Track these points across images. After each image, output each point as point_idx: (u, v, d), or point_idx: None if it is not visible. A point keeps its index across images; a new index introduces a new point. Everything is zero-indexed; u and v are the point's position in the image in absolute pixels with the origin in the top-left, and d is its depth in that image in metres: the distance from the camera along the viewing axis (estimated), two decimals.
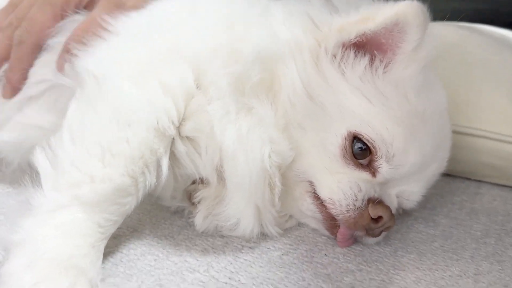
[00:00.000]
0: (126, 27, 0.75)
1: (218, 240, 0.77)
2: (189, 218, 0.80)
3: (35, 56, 0.84)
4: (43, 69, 0.83)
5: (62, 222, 0.63)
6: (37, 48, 0.84)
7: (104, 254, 0.71)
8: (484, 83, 1.01)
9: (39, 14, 0.83)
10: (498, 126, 0.97)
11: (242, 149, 0.70)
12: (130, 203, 0.68)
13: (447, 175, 1.06)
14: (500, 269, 0.74)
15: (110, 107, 0.68)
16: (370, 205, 0.72)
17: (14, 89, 0.84)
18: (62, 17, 0.83)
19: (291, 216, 0.81)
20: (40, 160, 0.67)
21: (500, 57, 1.05)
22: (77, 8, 0.84)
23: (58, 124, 0.72)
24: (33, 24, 0.83)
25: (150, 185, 0.70)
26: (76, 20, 0.82)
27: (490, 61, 1.04)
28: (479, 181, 1.06)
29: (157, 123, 0.68)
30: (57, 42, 0.83)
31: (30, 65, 0.84)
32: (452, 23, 1.21)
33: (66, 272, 0.60)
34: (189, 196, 0.80)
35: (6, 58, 0.86)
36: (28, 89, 0.84)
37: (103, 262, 0.70)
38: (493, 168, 1.00)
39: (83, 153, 0.66)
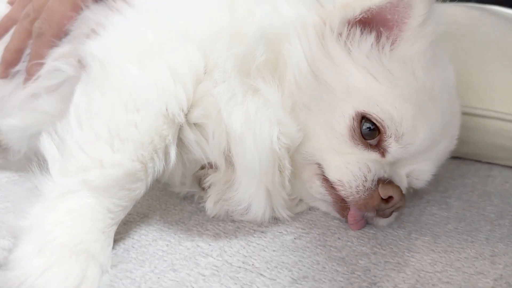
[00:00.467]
0: (132, 8, 0.73)
1: (230, 225, 0.76)
2: (199, 203, 0.80)
3: (54, 47, 0.82)
4: (60, 60, 0.81)
5: (72, 208, 0.62)
6: (57, 39, 0.82)
7: (115, 240, 0.70)
8: (496, 63, 0.99)
9: (58, 5, 0.81)
10: (511, 107, 0.96)
11: (250, 131, 0.69)
12: (140, 188, 0.67)
13: (458, 157, 1.05)
14: None
15: (117, 91, 0.66)
16: (380, 185, 0.71)
17: (30, 79, 0.83)
18: (82, 7, 0.81)
19: (301, 200, 0.80)
20: (47, 145, 0.65)
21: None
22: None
23: (64, 110, 0.70)
24: (52, 16, 0.81)
25: (159, 170, 0.69)
26: (96, 10, 0.80)
27: (502, 41, 1.02)
28: (490, 163, 1.05)
29: (166, 109, 0.67)
30: (77, 33, 0.81)
31: (48, 55, 0.82)
32: (462, 3, 1.19)
33: (77, 257, 0.59)
34: (198, 181, 0.79)
35: (23, 49, 0.84)
36: (45, 80, 0.82)
37: (114, 248, 0.69)
38: (506, 150, 0.99)
39: (91, 138, 0.64)
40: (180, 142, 0.73)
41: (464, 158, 1.06)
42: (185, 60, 0.69)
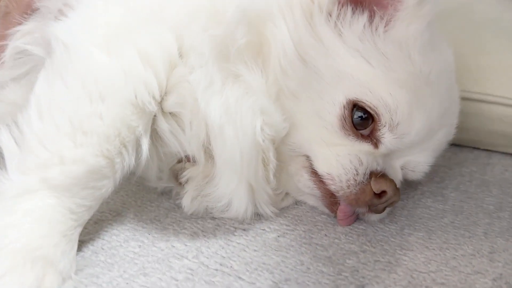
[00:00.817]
0: None
1: (209, 222, 0.71)
2: (177, 199, 0.74)
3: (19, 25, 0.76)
4: (24, 38, 0.75)
5: (30, 209, 0.57)
6: (23, 18, 0.76)
7: (83, 241, 0.66)
8: (494, 44, 0.94)
9: None
10: (510, 91, 0.90)
11: (230, 122, 0.63)
12: (106, 186, 0.62)
13: (454, 144, 1.00)
14: None
15: (81, 78, 0.61)
16: (372, 179, 0.66)
17: None
18: None
19: (287, 194, 0.75)
20: (4, 138, 0.60)
21: (511, 14, 0.97)
22: None
23: None
24: None
25: (129, 166, 0.63)
26: None
27: (501, 19, 0.96)
28: (489, 150, 1.00)
29: (136, 97, 0.61)
30: (45, 10, 0.74)
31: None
32: None
33: (33, 264, 0.54)
34: (175, 175, 0.73)
35: None
36: (12, 68, 0.76)
37: (82, 250, 0.65)
38: (506, 137, 0.94)
39: (52, 131, 0.59)
40: (155, 134, 0.67)
41: (462, 145, 1.00)
42: (156, 43, 0.63)
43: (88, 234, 0.67)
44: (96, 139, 0.59)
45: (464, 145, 1.00)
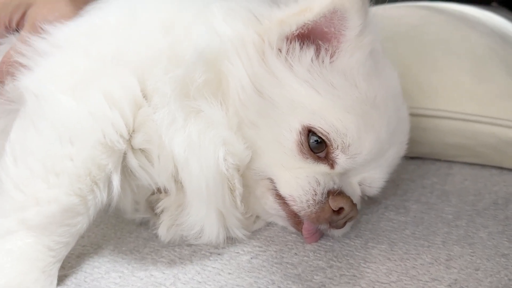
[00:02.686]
0: (64, 39, 0.71)
1: (186, 249, 0.75)
2: (155, 229, 0.78)
3: None
4: None
5: (10, 248, 0.61)
6: None
7: (67, 275, 0.69)
8: (445, 62, 1.00)
9: None
10: (461, 105, 0.96)
11: (194, 155, 0.68)
12: (81, 222, 0.66)
13: (417, 158, 1.06)
14: (471, 252, 0.73)
15: (51, 124, 0.65)
16: (330, 197, 0.71)
17: None
18: None
19: (258, 217, 0.80)
20: None
21: (460, 34, 1.04)
22: (7, 29, 0.80)
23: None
24: None
25: (102, 201, 0.67)
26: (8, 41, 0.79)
27: (451, 39, 1.03)
28: (450, 161, 1.05)
29: (104, 137, 0.65)
30: None
31: None
32: (412, 3, 1.20)
33: None
34: (151, 206, 0.78)
35: None
36: None
37: (66, 284, 0.68)
38: (461, 148, 1.00)
39: (26, 175, 0.63)
40: (126, 168, 0.72)
41: (424, 158, 1.06)
42: (120, 85, 0.67)
43: (71, 268, 0.71)
44: (68, 179, 0.63)
45: (426, 157, 1.05)
